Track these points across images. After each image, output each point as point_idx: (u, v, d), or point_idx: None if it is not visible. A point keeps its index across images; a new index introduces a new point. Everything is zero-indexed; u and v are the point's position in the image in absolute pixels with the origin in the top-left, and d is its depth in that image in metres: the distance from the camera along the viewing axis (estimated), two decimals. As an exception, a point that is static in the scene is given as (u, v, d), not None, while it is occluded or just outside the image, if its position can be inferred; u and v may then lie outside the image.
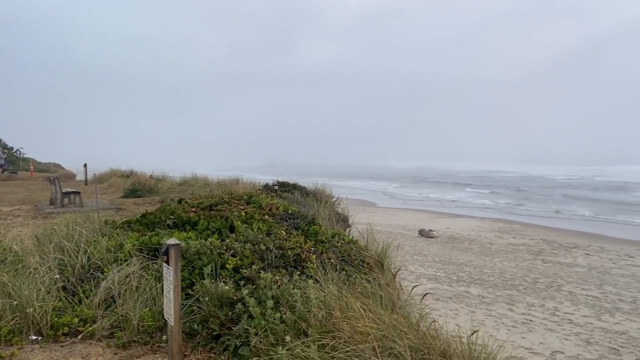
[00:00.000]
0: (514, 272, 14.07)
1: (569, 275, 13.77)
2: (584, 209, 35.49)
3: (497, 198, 45.76)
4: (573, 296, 11.57)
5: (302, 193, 13.16)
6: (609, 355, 7.94)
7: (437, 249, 17.76)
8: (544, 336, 8.80)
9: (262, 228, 5.96)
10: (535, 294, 11.75)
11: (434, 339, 3.30)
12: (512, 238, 20.57)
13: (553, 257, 16.46)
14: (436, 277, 13.14)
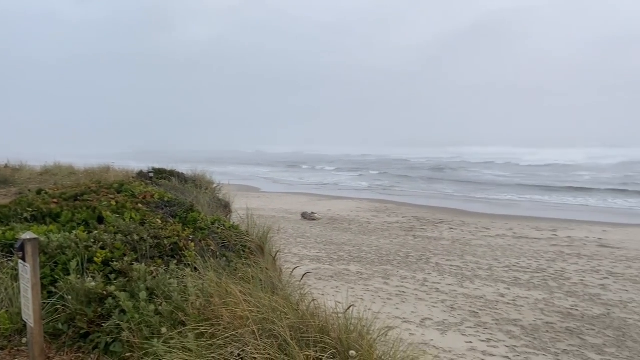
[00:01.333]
0: (389, 249, 14.98)
1: (436, 248, 15.00)
2: (447, 187, 38.83)
3: (373, 180, 48.24)
4: (440, 267, 12.63)
5: (181, 180, 12.68)
6: (469, 318, 8.82)
7: (319, 230, 18.27)
8: (415, 305, 9.51)
9: (135, 217, 5.64)
10: (407, 267, 12.63)
11: (313, 317, 3.38)
12: (387, 217, 21.85)
13: (422, 233, 17.80)
14: (318, 258, 13.53)
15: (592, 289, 10.73)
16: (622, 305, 9.62)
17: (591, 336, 8.01)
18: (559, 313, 9.15)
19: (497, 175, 49.50)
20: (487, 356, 7.14)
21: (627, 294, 10.36)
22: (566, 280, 11.43)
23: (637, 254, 13.94)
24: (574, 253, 14.25)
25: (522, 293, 10.41)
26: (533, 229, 18.29)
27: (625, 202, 28.15)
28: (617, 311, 9.25)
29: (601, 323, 8.61)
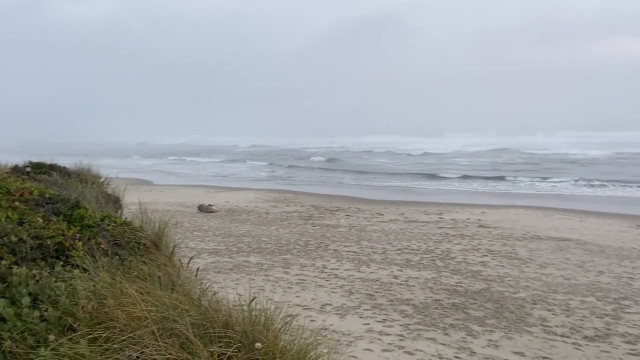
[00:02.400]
0: (289, 238, 15.12)
1: (334, 236, 15.42)
2: (343, 175, 40.03)
3: (270, 170, 48.30)
4: (338, 253, 13.01)
5: (63, 174, 11.70)
6: (366, 301, 9.21)
7: (217, 223, 17.92)
8: (315, 292, 9.72)
9: (12, 217, 5.11)
10: (307, 255, 12.85)
11: (216, 312, 3.31)
12: (286, 206, 22.01)
13: (320, 221, 18.19)
14: (217, 251, 13.29)
15: (474, 266, 11.70)
16: (499, 279, 10.62)
17: (474, 309, 8.75)
18: (446, 290, 9.87)
19: (389, 163, 52.00)
20: (383, 336, 7.51)
21: (503, 269, 11.44)
22: (451, 259, 12.35)
23: (511, 232, 15.44)
24: (457, 234, 15.42)
25: (414, 274, 11.08)
26: (422, 213, 19.49)
27: (498, 186, 30.99)
28: (496, 285, 10.19)
29: (482, 297, 9.44)
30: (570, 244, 13.80)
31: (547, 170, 39.03)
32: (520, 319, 8.27)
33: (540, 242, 14.17)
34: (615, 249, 13.17)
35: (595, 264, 11.77)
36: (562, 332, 7.70)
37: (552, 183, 31.04)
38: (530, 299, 9.27)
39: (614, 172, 36.72)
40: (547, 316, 8.40)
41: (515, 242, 14.11)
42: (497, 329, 7.87)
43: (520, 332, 7.74)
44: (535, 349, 7.10)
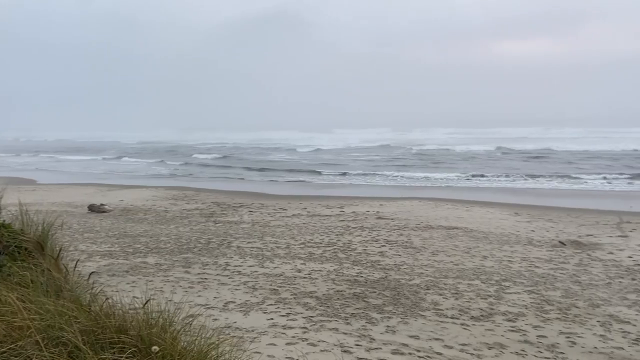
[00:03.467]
0: (189, 236, 14.69)
1: (236, 232, 15.24)
2: (244, 171, 39.68)
3: (169, 166, 46.55)
4: (241, 250, 12.89)
5: None
6: (270, 296, 9.23)
7: (110, 223, 16.92)
8: (218, 290, 9.55)
9: None
10: (209, 253, 12.57)
11: (108, 317, 3.14)
12: (186, 204, 21.35)
13: (223, 218, 17.89)
14: (111, 253, 12.55)
15: (373, 256, 12.19)
16: (396, 268, 11.15)
17: (373, 298, 9.12)
18: (347, 281, 10.18)
19: (290, 159, 52.37)
20: (287, 329, 7.57)
21: (400, 257, 12.04)
22: (352, 251, 12.75)
23: (406, 223, 16.28)
24: (358, 226, 15.96)
25: (316, 267, 11.29)
26: (324, 207, 19.90)
27: (394, 179, 32.52)
28: (393, 274, 10.69)
29: (381, 286, 9.86)
30: (458, 232, 14.85)
31: (437, 164, 41.60)
32: (415, 304, 8.76)
33: (432, 231, 15.10)
34: (497, 235, 14.40)
35: (480, 249, 12.78)
36: (452, 314, 8.28)
37: (441, 176, 33.16)
38: (424, 285, 9.85)
39: (496, 165, 40.05)
40: (439, 300, 8.99)
41: (410, 232, 14.90)
42: (395, 315, 8.27)
43: (415, 316, 8.20)
44: (428, 331, 7.56)
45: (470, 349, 6.95)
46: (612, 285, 9.77)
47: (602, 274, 10.57)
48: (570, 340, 7.22)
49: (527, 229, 15.27)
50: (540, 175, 31.96)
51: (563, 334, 7.46)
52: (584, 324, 7.83)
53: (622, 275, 10.47)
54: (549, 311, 8.40)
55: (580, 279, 10.19)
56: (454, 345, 7.05)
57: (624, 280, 10.08)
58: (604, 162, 38.80)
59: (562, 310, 8.44)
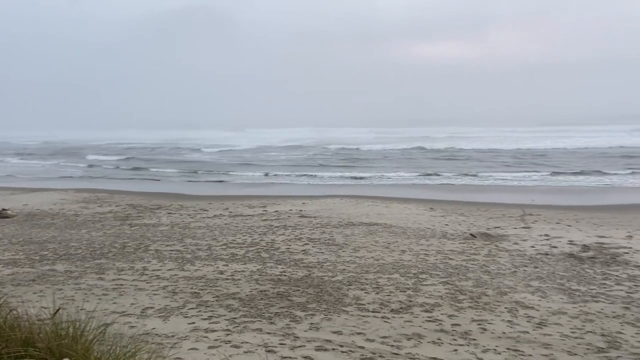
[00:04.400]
0: (103, 241, 13.95)
1: (154, 235, 14.68)
2: (162, 171, 38.32)
3: (79, 167, 43.91)
4: (159, 253, 12.43)
5: None
6: (192, 300, 8.98)
7: (14, 229, 15.65)
8: (135, 296, 9.15)
9: None
10: (124, 258, 12.00)
11: (13, 330, 2.91)
12: (99, 207, 20.25)
13: (139, 220, 17.15)
14: (15, 261, 11.62)
15: (297, 255, 12.24)
16: (319, 265, 11.28)
17: (297, 296, 9.16)
18: (271, 280, 10.15)
19: (212, 158, 51.30)
20: (209, 333, 7.41)
21: (323, 255, 12.19)
22: (276, 250, 12.73)
23: (329, 221, 16.52)
24: (281, 225, 15.95)
25: (239, 267, 11.15)
26: (246, 207, 19.69)
27: (315, 178, 32.88)
28: (316, 271, 10.80)
29: (304, 283, 9.93)
30: (378, 228, 15.30)
31: (356, 162, 42.56)
32: (338, 301, 8.91)
33: (354, 227, 15.43)
34: (414, 230, 15.00)
35: (399, 244, 13.24)
36: (373, 308, 8.52)
37: (362, 174, 33.99)
38: (346, 281, 10.04)
39: (413, 164, 41.69)
40: (360, 295, 9.20)
41: (332, 230, 15.14)
42: (318, 312, 8.36)
43: (338, 312, 8.34)
44: (351, 326, 7.72)
45: (390, 340, 7.19)
46: (517, 274, 10.51)
47: (509, 263, 11.34)
48: (481, 327, 7.67)
49: (442, 223, 16.04)
50: (453, 171, 33.73)
51: (475, 321, 7.92)
52: (493, 311, 8.36)
53: (525, 264, 11.29)
54: (462, 300, 8.88)
55: (490, 269, 10.87)
56: (375, 338, 7.25)
57: (528, 269, 10.88)
58: (509, 160, 41.64)
59: (474, 299, 8.96)
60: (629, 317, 7.98)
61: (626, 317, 7.98)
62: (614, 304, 8.62)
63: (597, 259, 11.57)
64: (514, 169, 35.17)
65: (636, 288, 9.41)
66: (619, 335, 7.29)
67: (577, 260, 11.48)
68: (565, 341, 7.15)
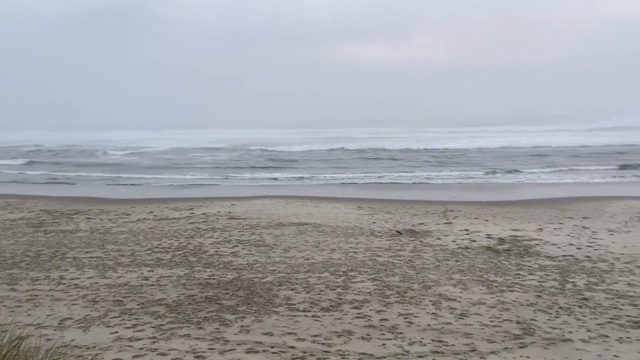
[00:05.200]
0: (14, 249, 12.98)
1: (72, 242, 13.87)
2: (80, 174, 36.30)
3: (-13, 171, 40.56)
4: (78, 261, 11.76)
5: None
6: (114, 308, 8.58)
7: None
8: (52, 307, 8.60)
9: None
10: (39, 267, 11.25)
11: None
12: (9, 213, 18.82)
13: (55, 227, 16.14)
14: None
15: (226, 257, 12.04)
16: (249, 267, 11.16)
17: (227, 299, 9.01)
18: (199, 284, 9.91)
19: (132, 160, 49.25)
20: (133, 341, 7.12)
21: (253, 256, 12.08)
22: (204, 253, 12.45)
23: (258, 222, 16.39)
24: (209, 227, 15.62)
25: (166, 272, 10.79)
26: (172, 210, 19.09)
27: (244, 179, 32.55)
28: (246, 273, 10.68)
29: (234, 286, 9.79)
30: (308, 228, 15.40)
31: (287, 164, 42.56)
32: (268, 302, 8.86)
33: (283, 228, 15.42)
34: (343, 229, 15.24)
35: (328, 243, 13.40)
36: (304, 307, 8.56)
37: (290, 174, 34.06)
38: (276, 282, 10.02)
39: (341, 165, 42.32)
40: (291, 295, 9.21)
41: (262, 231, 15.04)
42: (248, 314, 8.28)
43: (269, 313, 8.30)
44: (282, 327, 7.71)
45: (321, 339, 7.25)
46: (440, 268, 10.97)
47: (432, 258, 11.82)
48: (407, 321, 7.93)
49: (369, 221, 16.42)
50: (379, 171, 34.65)
51: (402, 315, 8.18)
52: (418, 305, 8.67)
53: (448, 258, 11.81)
54: (390, 295, 9.14)
55: (415, 264, 11.27)
56: (306, 338, 7.29)
57: (450, 262, 11.39)
58: (431, 159, 43.41)
59: (401, 293, 9.25)
60: (541, 305, 8.58)
61: (538, 305, 8.57)
62: (527, 292, 9.22)
63: (512, 251, 12.34)
64: (438, 167, 36.70)
65: (547, 277, 10.14)
66: (533, 322, 7.82)
67: (494, 253, 12.18)
68: (485, 330, 7.56)
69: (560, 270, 10.54)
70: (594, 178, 29.03)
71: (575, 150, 46.43)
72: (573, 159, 39.42)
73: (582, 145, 50.79)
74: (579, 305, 8.47)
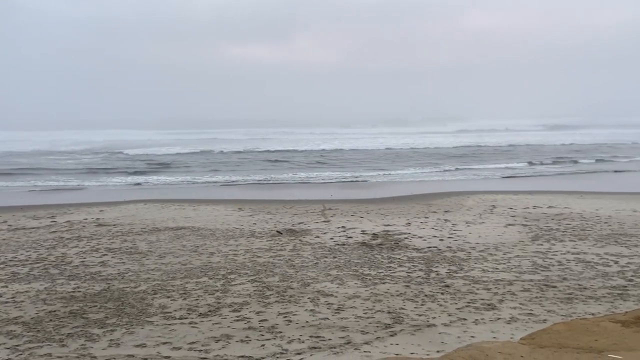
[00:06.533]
0: None
1: None
2: None
3: None
4: None
5: None
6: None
7: None
8: None
9: None
10: None
11: None
12: None
13: None
14: None
15: (93, 267, 11.20)
16: (120, 276, 10.50)
17: (94, 312, 8.38)
18: (61, 299, 9.09)
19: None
20: (-18, 368, 6.33)
21: (124, 265, 11.38)
22: (68, 264, 11.45)
23: (131, 228, 15.48)
24: (74, 236, 14.40)
25: (22, 288, 9.75)
26: (30, 219, 17.29)
27: (114, 182, 30.53)
28: (117, 283, 10.03)
29: (102, 298, 9.13)
30: (186, 232, 14.89)
31: (156, 166, 40.65)
32: (141, 312, 8.41)
33: (159, 233, 14.74)
34: (223, 231, 14.98)
35: (207, 246, 13.08)
36: (180, 315, 8.26)
37: (166, 177, 32.69)
38: (151, 290, 9.54)
39: (215, 166, 41.52)
40: (166, 303, 8.84)
41: (135, 237, 14.23)
42: (119, 326, 7.79)
43: (142, 324, 7.88)
44: (156, 337, 7.37)
45: (198, 345, 7.06)
46: (319, 265, 11.27)
47: (311, 256, 12.10)
48: (287, 319, 8.03)
49: (250, 222, 16.34)
50: (260, 171, 34.64)
51: (281, 314, 8.26)
52: (297, 303, 8.82)
53: (326, 255, 12.17)
54: (269, 296, 9.18)
55: (295, 263, 11.44)
56: (182, 346, 7.04)
57: (328, 259, 11.75)
58: (311, 160, 44.42)
59: (280, 293, 9.33)
60: (409, 294, 9.20)
61: (407, 294, 9.19)
62: (397, 283, 9.84)
63: (384, 245, 13.08)
64: (316, 168, 37.64)
65: (414, 268, 10.91)
66: (402, 311, 8.36)
67: (368, 248, 12.81)
68: (359, 322, 7.92)
69: (426, 261, 11.41)
70: (456, 175, 31.87)
71: (438, 151, 50.61)
72: (436, 158, 42.92)
73: (441, 146, 55.52)
74: (442, 292, 9.24)
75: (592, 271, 10.34)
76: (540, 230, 14.23)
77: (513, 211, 17.34)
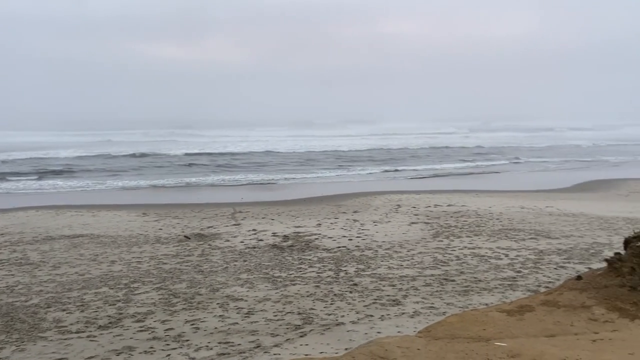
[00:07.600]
0: None
1: None
2: None
3: None
4: None
5: None
6: None
7: None
8: None
9: None
10: None
11: None
12: None
13: None
14: None
15: (-25, 282, 10.16)
16: (9, 290, 9.64)
17: (-24, 332, 7.61)
18: (-63, 319, 8.15)
19: None
20: None
21: (13, 277, 10.46)
22: (-56, 280, 10.29)
23: (21, 237, 14.24)
24: (-48, 249, 12.97)
25: None
26: None
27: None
28: (5, 297, 9.21)
29: (-13, 315, 8.32)
30: (84, 240, 13.98)
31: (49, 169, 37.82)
32: (33, 327, 7.78)
33: (53, 242, 13.70)
34: (126, 238, 14.25)
35: (108, 254, 12.37)
36: (77, 328, 7.74)
37: (62, 182, 30.49)
38: (44, 303, 8.85)
39: (117, 169, 39.45)
40: (62, 316, 8.25)
41: (25, 247, 13.12)
42: (8, 344, 7.15)
43: (34, 340, 7.29)
44: (50, 353, 6.85)
45: (98, 360, 6.66)
46: (228, 269, 11.09)
47: (221, 260, 11.88)
48: (194, 327, 7.82)
49: (155, 228, 15.70)
50: (165, 175, 33.38)
51: (188, 322, 8.02)
52: (206, 309, 8.62)
53: (236, 258, 12.01)
54: (176, 304, 8.88)
55: (203, 268, 11.17)
56: (80, 361, 6.61)
57: (238, 263, 11.60)
58: (219, 162, 43.63)
59: (188, 300, 9.06)
60: (319, 294, 9.34)
61: (317, 295, 9.32)
62: (307, 284, 9.95)
63: (295, 246, 13.17)
64: (226, 170, 37.01)
65: (324, 268, 11.09)
66: (312, 311, 8.47)
67: (279, 250, 12.82)
68: (269, 325, 7.90)
69: (335, 261, 11.65)
70: (365, 177, 32.86)
71: (347, 153, 51.93)
72: (346, 160, 44.03)
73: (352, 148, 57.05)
74: (350, 291, 9.48)
75: (486, 264, 11.14)
76: (441, 228, 15.08)
77: (416, 210, 18.21)
